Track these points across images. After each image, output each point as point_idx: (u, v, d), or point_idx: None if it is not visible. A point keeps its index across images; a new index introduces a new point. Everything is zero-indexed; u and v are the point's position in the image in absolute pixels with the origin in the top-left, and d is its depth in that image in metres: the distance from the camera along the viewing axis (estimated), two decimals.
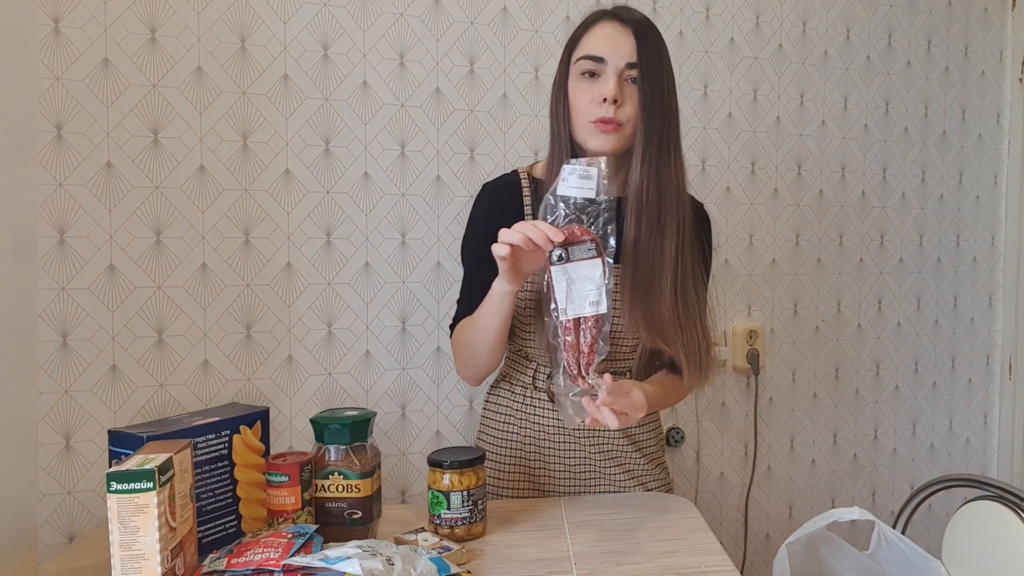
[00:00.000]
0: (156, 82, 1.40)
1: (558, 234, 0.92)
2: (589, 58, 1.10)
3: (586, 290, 0.94)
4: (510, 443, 1.25)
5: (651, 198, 1.10)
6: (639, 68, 1.09)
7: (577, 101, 1.12)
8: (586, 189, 0.95)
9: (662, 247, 1.11)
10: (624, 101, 1.09)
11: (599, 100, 1.09)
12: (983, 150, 2.09)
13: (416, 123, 1.57)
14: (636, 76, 1.09)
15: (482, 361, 1.18)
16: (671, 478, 1.34)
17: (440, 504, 1.04)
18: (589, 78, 1.10)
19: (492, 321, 1.10)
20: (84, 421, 1.38)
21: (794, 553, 1.35)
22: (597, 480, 1.24)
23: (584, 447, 1.23)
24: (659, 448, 1.31)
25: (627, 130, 1.11)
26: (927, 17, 2.00)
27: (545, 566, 0.97)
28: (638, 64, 1.08)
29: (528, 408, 1.24)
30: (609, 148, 1.11)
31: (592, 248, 0.94)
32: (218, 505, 1.00)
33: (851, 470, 2.00)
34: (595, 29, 1.12)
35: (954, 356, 2.10)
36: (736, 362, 1.84)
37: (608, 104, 1.08)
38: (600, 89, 1.09)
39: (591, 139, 1.12)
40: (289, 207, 1.50)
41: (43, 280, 1.34)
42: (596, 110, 1.10)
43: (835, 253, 1.95)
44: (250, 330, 1.48)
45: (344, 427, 1.01)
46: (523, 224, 0.94)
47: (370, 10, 1.53)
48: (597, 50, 1.10)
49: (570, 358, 0.95)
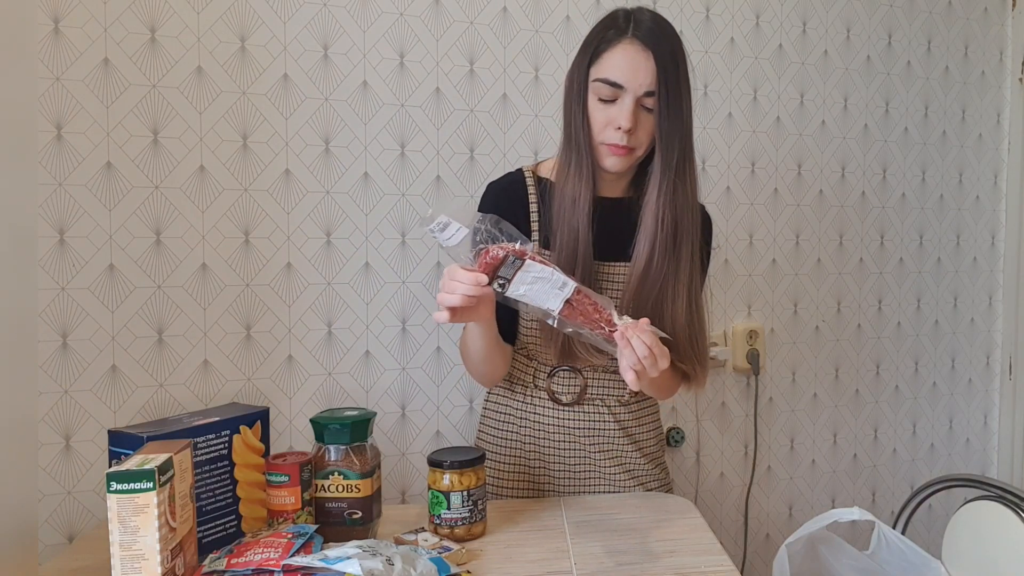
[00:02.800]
0: (156, 82, 1.40)
1: (481, 277, 0.94)
2: (607, 83, 1.08)
3: (546, 287, 0.95)
4: (510, 443, 1.25)
5: (667, 225, 1.11)
6: (658, 96, 1.07)
7: (592, 120, 1.11)
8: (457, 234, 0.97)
9: (676, 270, 1.13)
10: (638, 128, 1.09)
11: (614, 126, 1.09)
12: (983, 150, 2.09)
13: (416, 123, 1.57)
14: (653, 104, 1.08)
15: (486, 371, 1.20)
16: (671, 478, 1.34)
17: (440, 504, 1.04)
18: (607, 100, 1.09)
19: (478, 344, 1.12)
20: (84, 421, 1.38)
21: (794, 553, 1.35)
22: (597, 480, 1.24)
23: (584, 446, 1.23)
24: (659, 448, 1.31)
25: (638, 152, 1.12)
26: (927, 17, 2.00)
27: (545, 566, 0.97)
28: (656, 92, 1.07)
29: (528, 407, 1.24)
30: (619, 168, 1.13)
31: (516, 260, 0.95)
32: (218, 505, 1.00)
33: (851, 470, 2.00)
34: (616, 50, 1.08)
35: (954, 356, 2.10)
36: (736, 362, 1.84)
37: (622, 132, 1.08)
38: (615, 116, 1.08)
39: (603, 159, 1.13)
40: (289, 207, 1.50)
41: (43, 280, 1.34)
42: (610, 134, 1.10)
43: (835, 253, 1.95)
44: (250, 330, 1.48)
45: (344, 427, 1.01)
46: (449, 284, 0.95)
47: (370, 10, 1.53)
48: (616, 76, 1.07)
49: (594, 328, 0.95)
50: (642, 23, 1.09)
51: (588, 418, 1.23)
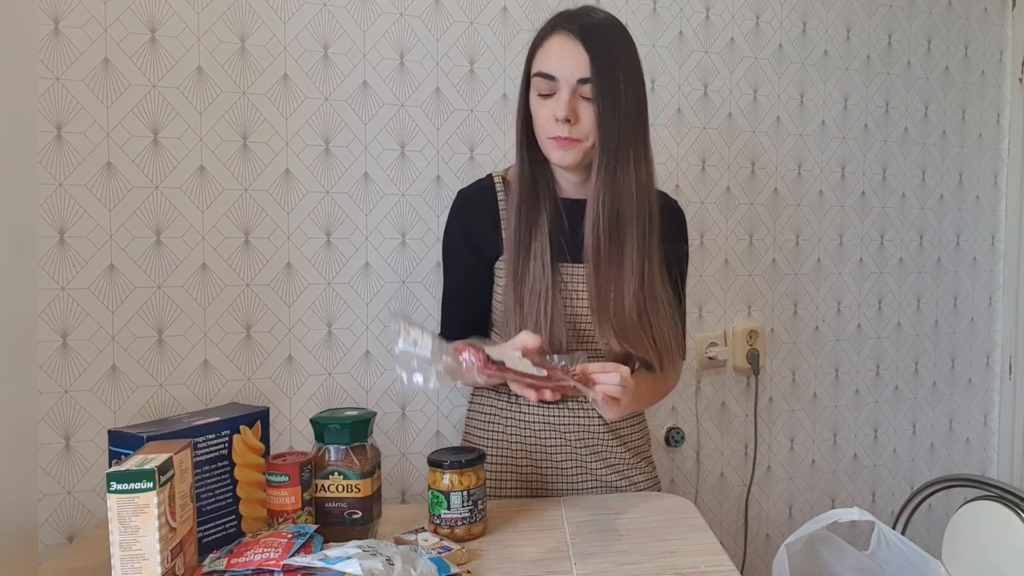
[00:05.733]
0: (156, 82, 1.40)
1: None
2: (542, 76, 1.10)
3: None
4: (497, 443, 1.25)
5: (607, 210, 1.11)
6: (592, 83, 1.07)
7: (536, 117, 1.13)
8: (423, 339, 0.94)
9: (621, 254, 1.12)
10: (579, 117, 1.09)
11: (553, 119, 1.09)
12: (983, 150, 2.09)
13: (416, 123, 1.57)
14: (591, 92, 1.08)
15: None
16: (657, 473, 1.34)
17: (440, 504, 1.04)
18: (545, 94, 1.10)
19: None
20: (84, 421, 1.38)
21: (794, 553, 1.35)
22: (585, 477, 1.25)
23: (570, 442, 1.23)
24: (644, 443, 1.31)
25: (587, 143, 1.11)
26: (927, 17, 2.00)
27: (545, 566, 0.97)
28: (591, 79, 1.07)
29: (514, 407, 1.24)
30: (570, 162, 1.13)
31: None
32: (218, 505, 1.00)
33: (851, 470, 2.00)
34: (548, 43, 1.10)
35: (954, 356, 2.10)
36: (736, 362, 1.84)
37: (561, 123, 1.08)
38: (553, 107, 1.09)
39: (551, 153, 1.13)
40: (289, 207, 1.50)
41: (43, 280, 1.34)
42: (552, 128, 1.10)
43: (835, 253, 1.95)
44: (250, 330, 1.48)
45: (344, 427, 1.01)
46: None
47: (370, 10, 1.53)
48: (549, 67, 1.09)
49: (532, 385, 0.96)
50: (577, 17, 1.10)
51: (574, 415, 1.23)
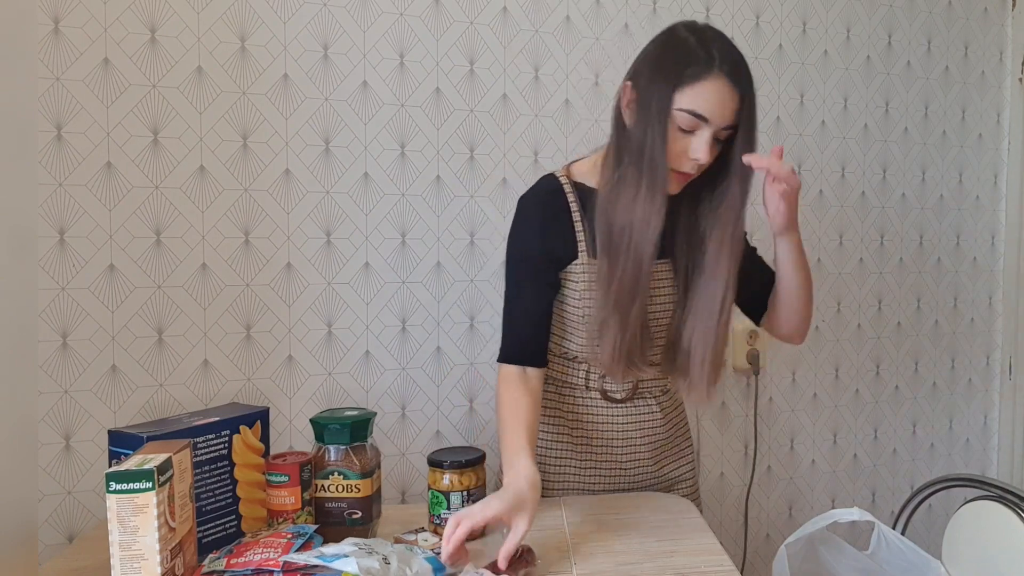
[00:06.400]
0: (156, 82, 1.40)
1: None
2: (693, 115, 1.06)
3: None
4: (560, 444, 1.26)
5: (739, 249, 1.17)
6: (738, 130, 1.09)
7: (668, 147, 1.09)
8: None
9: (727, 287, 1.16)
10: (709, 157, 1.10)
11: (689, 156, 1.09)
12: (983, 150, 2.09)
13: (416, 123, 1.57)
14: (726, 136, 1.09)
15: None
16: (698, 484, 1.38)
17: (440, 504, 1.04)
18: (687, 130, 1.08)
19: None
20: (84, 421, 1.38)
21: (794, 553, 1.34)
22: (643, 477, 1.28)
23: (635, 441, 1.26)
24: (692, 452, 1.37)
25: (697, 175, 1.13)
26: (927, 17, 2.00)
27: (545, 566, 0.97)
28: (734, 127, 1.09)
29: (580, 408, 1.25)
30: (677, 192, 1.14)
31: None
32: (218, 505, 1.00)
33: (851, 470, 2.00)
34: (706, 84, 1.06)
35: (954, 356, 2.10)
36: (736, 362, 1.84)
37: (696, 164, 1.09)
38: (692, 148, 1.08)
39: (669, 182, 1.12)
40: (289, 207, 1.50)
41: (43, 280, 1.34)
42: (682, 162, 1.10)
43: (835, 253, 1.95)
44: (250, 330, 1.48)
45: (344, 427, 1.01)
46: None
47: (370, 10, 1.53)
48: (704, 110, 1.06)
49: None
50: (727, 57, 1.07)
51: (637, 411, 1.26)
